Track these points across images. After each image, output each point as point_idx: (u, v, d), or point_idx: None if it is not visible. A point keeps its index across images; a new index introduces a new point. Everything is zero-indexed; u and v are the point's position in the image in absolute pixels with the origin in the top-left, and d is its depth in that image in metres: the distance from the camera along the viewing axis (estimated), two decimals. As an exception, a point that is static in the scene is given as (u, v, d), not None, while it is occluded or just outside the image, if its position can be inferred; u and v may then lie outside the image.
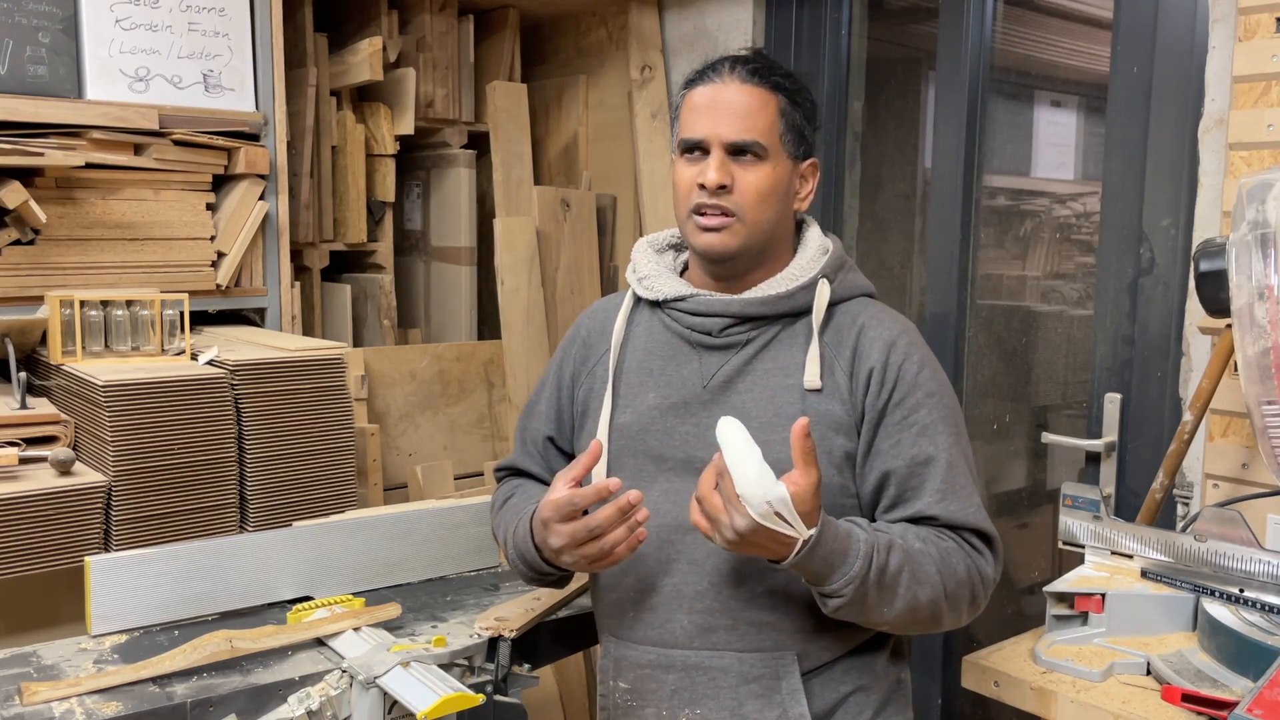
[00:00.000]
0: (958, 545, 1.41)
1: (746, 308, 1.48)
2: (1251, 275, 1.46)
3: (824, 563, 1.30)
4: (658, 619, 1.48)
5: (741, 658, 1.44)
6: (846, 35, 2.75)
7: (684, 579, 1.47)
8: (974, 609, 1.44)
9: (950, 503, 1.41)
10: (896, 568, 1.34)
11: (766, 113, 1.45)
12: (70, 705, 1.40)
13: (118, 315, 2.16)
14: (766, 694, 1.44)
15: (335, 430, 2.18)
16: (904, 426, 1.43)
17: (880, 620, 1.38)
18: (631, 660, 1.51)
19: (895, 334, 1.47)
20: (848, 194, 2.80)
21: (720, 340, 1.50)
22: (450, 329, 3.26)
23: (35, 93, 2.24)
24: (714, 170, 1.43)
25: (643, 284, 1.58)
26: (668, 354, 1.53)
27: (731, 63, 1.47)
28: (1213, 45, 1.96)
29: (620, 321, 1.58)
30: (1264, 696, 1.25)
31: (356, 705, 1.50)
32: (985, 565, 1.43)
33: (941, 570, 1.38)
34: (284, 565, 1.81)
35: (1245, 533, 1.57)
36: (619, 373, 1.56)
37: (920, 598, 1.36)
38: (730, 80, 1.46)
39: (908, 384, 1.44)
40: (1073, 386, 2.52)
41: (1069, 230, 2.63)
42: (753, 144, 1.44)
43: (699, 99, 1.47)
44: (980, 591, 1.43)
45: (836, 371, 1.46)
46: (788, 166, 1.48)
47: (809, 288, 1.49)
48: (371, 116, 3.07)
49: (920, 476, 1.42)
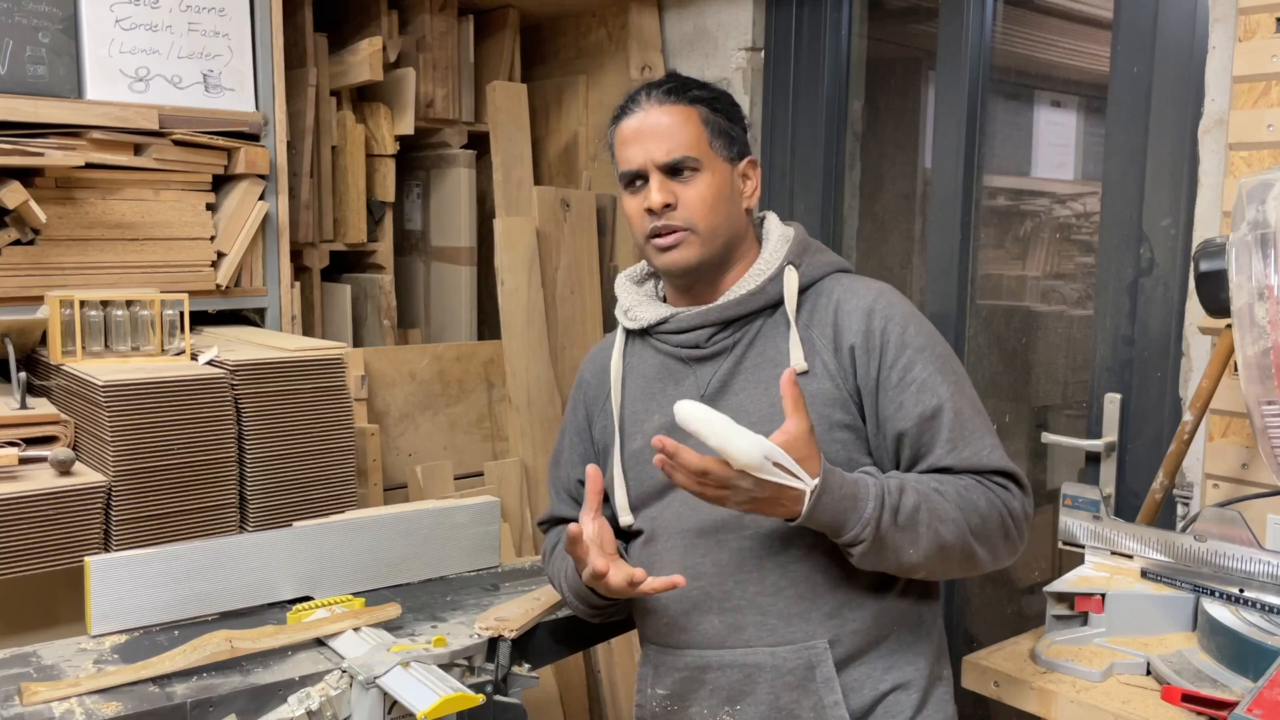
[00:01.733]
0: (976, 482, 1.43)
1: (724, 313, 1.53)
2: (1251, 275, 1.46)
3: (836, 509, 1.33)
4: (690, 623, 1.52)
5: (774, 652, 1.47)
6: (846, 35, 2.75)
7: (710, 581, 1.50)
8: (1010, 545, 1.45)
9: (962, 450, 1.43)
10: (912, 506, 1.36)
11: (690, 126, 1.51)
12: (70, 705, 1.40)
13: (118, 315, 2.16)
14: (802, 684, 1.46)
15: (335, 430, 2.18)
16: (902, 387, 1.45)
17: (910, 563, 1.39)
18: (669, 665, 1.55)
19: (870, 301, 1.50)
20: (848, 194, 2.80)
21: (708, 350, 1.55)
22: (450, 329, 3.26)
23: (35, 93, 2.24)
24: (656, 192, 1.50)
25: (628, 315, 1.64)
26: (665, 376, 1.59)
27: (647, 90, 1.54)
28: (1213, 45, 1.96)
29: (616, 356, 1.65)
30: (1264, 696, 1.25)
31: (356, 705, 1.50)
32: (1011, 499, 1.44)
33: (961, 506, 1.39)
34: (284, 565, 1.81)
35: (1245, 533, 1.57)
36: (624, 405, 1.62)
37: (945, 534, 1.38)
38: (649, 106, 1.53)
39: (895, 345, 1.47)
40: (1073, 386, 2.52)
41: (1069, 230, 2.63)
42: (684, 159, 1.50)
43: (626, 131, 1.54)
44: (1011, 525, 1.44)
45: (821, 350, 1.50)
46: (725, 170, 1.54)
47: (777, 278, 1.54)
48: (371, 116, 3.07)
49: (930, 431, 1.44)
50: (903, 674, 1.50)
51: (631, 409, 1.61)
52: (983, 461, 1.44)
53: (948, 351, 1.51)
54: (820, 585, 1.46)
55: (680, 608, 1.52)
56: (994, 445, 1.46)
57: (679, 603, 1.52)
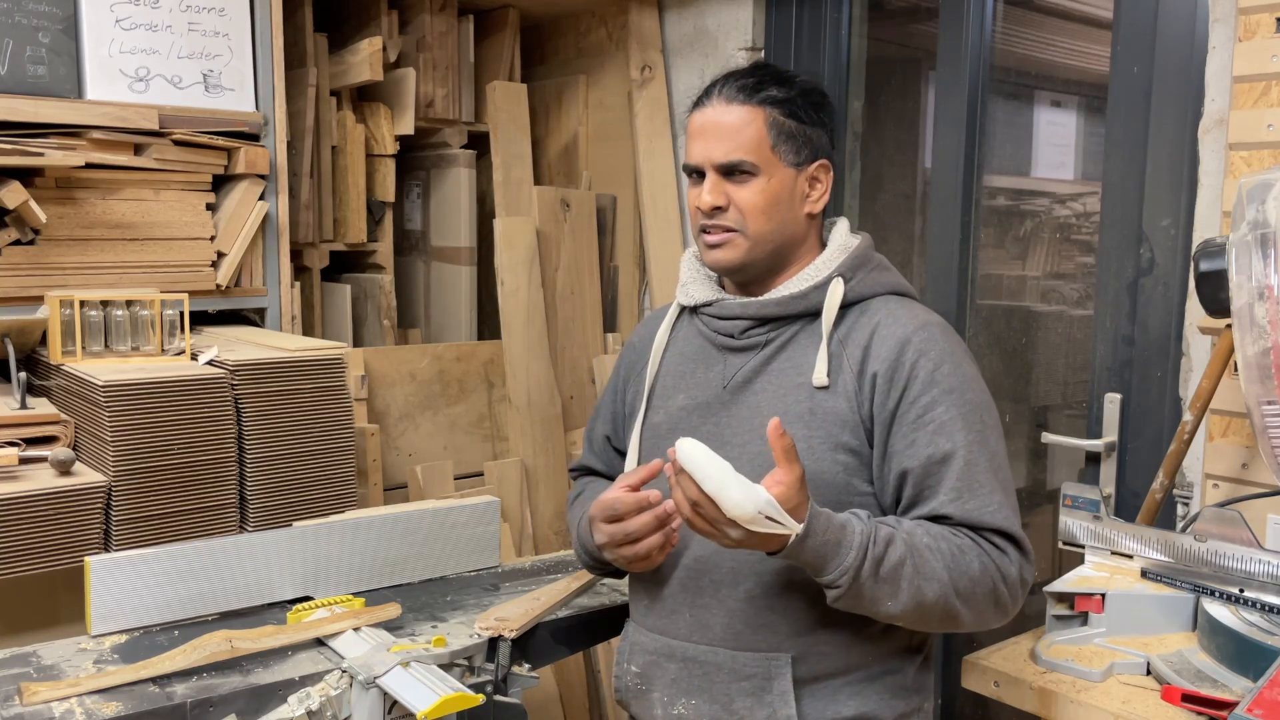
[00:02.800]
0: (973, 543, 1.39)
1: (763, 309, 1.53)
2: (1251, 275, 1.46)
3: (817, 554, 1.31)
4: (665, 609, 1.54)
5: (735, 656, 1.47)
6: (846, 35, 2.75)
7: (689, 574, 1.51)
8: (1000, 610, 1.42)
9: (967, 501, 1.39)
10: (896, 560, 1.33)
11: (752, 129, 1.49)
12: (70, 705, 1.40)
13: (118, 315, 2.16)
14: (757, 693, 1.46)
15: (335, 430, 2.18)
16: (918, 425, 1.42)
17: (886, 614, 1.37)
18: (642, 646, 1.58)
19: (910, 331, 1.47)
20: (848, 194, 2.80)
21: (742, 342, 1.55)
22: (450, 329, 3.26)
23: (35, 93, 2.24)
24: (707, 194, 1.50)
25: (683, 290, 1.65)
26: (699, 357, 1.60)
27: (722, 83, 1.53)
28: (1213, 45, 1.96)
29: (664, 327, 1.66)
30: (1264, 696, 1.25)
31: (356, 705, 1.50)
32: (1008, 565, 1.40)
33: (951, 567, 1.36)
34: (284, 565, 1.81)
35: (1245, 533, 1.57)
36: (658, 376, 1.64)
37: (926, 593, 1.35)
38: (718, 102, 1.51)
39: (921, 382, 1.43)
40: (1073, 386, 2.52)
41: (1069, 230, 2.63)
42: (739, 163, 1.49)
43: (695, 124, 1.54)
44: (1004, 592, 1.40)
45: (845, 369, 1.47)
46: (786, 175, 1.51)
47: (823, 287, 1.51)
48: (371, 116, 3.07)
49: (936, 475, 1.40)
50: (867, 705, 1.47)
51: (663, 382, 1.63)
52: (985, 519, 1.39)
53: (981, 400, 1.46)
54: (796, 602, 1.45)
55: (660, 593, 1.54)
56: (1002, 504, 1.41)
57: (660, 588, 1.54)
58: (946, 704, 2.57)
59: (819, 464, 1.44)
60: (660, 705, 1.54)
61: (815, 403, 1.46)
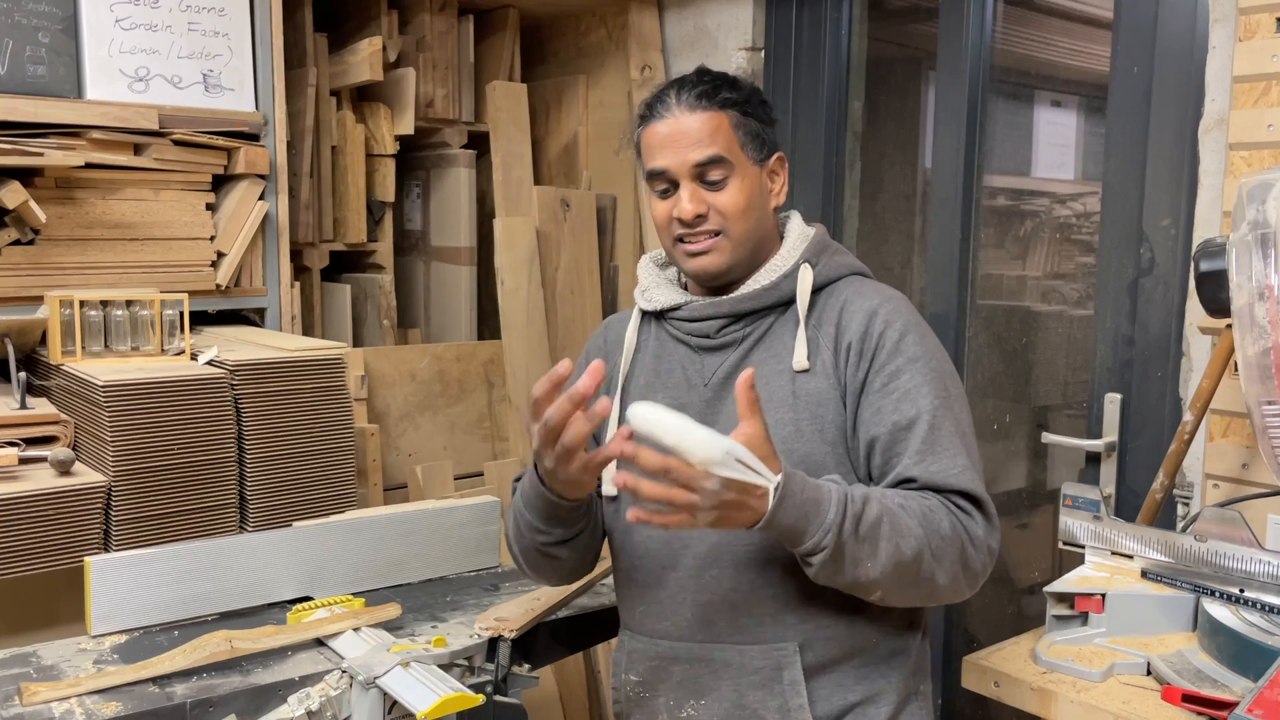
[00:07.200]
0: (941, 503, 1.37)
1: (736, 305, 1.53)
2: (1251, 275, 1.46)
3: (798, 513, 1.28)
4: (664, 612, 1.52)
5: (743, 650, 1.47)
6: (846, 35, 2.74)
7: (688, 573, 1.50)
8: (970, 575, 1.39)
9: (930, 463, 1.39)
10: (875, 518, 1.31)
11: (721, 132, 1.49)
12: (70, 705, 1.40)
13: (117, 315, 2.16)
14: (768, 685, 1.46)
15: (335, 430, 2.18)
16: (885, 393, 1.43)
17: (867, 579, 1.34)
18: (642, 653, 1.55)
19: (876, 304, 1.49)
20: (848, 194, 2.80)
21: (718, 340, 1.54)
22: (450, 329, 3.26)
23: (35, 93, 2.24)
24: (688, 202, 1.48)
25: (644, 296, 1.63)
26: (674, 359, 1.59)
27: (678, 91, 1.51)
28: (1213, 45, 1.96)
29: (630, 331, 1.63)
30: (1264, 696, 1.25)
31: (356, 705, 1.50)
32: (974, 526, 1.38)
33: (924, 524, 1.34)
34: (284, 565, 1.81)
35: (1245, 533, 1.57)
36: (629, 378, 1.61)
37: (904, 550, 1.32)
38: (679, 110, 1.50)
39: (888, 350, 1.45)
40: (1073, 386, 2.52)
41: (1069, 230, 2.63)
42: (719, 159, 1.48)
43: (656, 135, 1.51)
44: (973, 554, 1.38)
45: (822, 349, 1.49)
46: (755, 173, 1.52)
47: (792, 275, 1.53)
48: (371, 116, 3.07)
49: (903, 441, 1.41)
50: (874, 687, 1.48)
51: (637, 384, 1.61)
52: (949, 480, 1.38)
53: (945, 369, 1.48)
54: (797, 590, 1.45)
55: (657, 596, 1.52)
56: (966, 467, 1.40)
57: (656, 591, 1.52)
58: (946, 704, 2.57)
59: (806, 446, 1.44)
60: (666, 710, 1.53)
61: (797, 386, 1.47)
